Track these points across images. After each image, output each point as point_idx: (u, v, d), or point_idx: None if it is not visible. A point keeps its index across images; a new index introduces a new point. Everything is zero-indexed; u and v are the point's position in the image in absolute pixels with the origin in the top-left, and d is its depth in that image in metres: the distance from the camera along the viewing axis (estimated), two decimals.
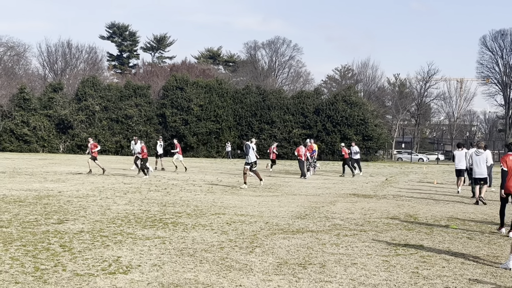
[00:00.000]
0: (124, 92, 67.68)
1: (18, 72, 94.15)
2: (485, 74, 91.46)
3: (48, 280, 7.14)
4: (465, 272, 8.19)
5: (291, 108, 67.56)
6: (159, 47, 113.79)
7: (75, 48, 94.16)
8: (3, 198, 16.00)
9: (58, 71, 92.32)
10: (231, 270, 7.92)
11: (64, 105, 66.72)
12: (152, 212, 14.02)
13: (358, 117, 66.21)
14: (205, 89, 67.20)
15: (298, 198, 18.69)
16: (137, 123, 65.45)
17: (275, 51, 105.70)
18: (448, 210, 16.40)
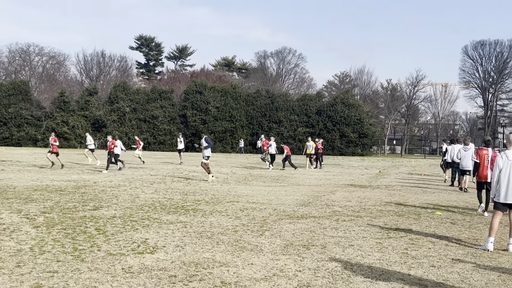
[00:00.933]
0: (150, 96, 67.71)
1: (59, 78, 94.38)
2: (467, 79, 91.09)
3: (85, 259, 7.16)
4: (448, 253, 8.15)
5: (296, 109, 67.40)
6: (181, 56, 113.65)
7: (108, 57, 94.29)
8: (46, 188, 16.05)
9: (93, 77, 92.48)
10: (244, 251, 7.92)
11: (98, 107, 66.82)
12: (175, 200, 14.03)
13: (355, 117, 65.98)
14: (221, 93, 67.13)
15: (302, 188, 18.64)
16: (162, 123, 65.48)
17: (282, 60, 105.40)
18: (434, 198, 16.32)
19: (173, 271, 6.64)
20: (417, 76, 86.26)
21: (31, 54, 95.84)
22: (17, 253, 7.32)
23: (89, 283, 6.04)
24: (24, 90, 68.23)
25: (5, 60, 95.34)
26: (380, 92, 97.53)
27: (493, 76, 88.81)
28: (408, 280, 6.52)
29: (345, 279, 6.50)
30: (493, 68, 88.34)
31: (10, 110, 65.71)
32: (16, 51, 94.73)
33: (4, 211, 11.02)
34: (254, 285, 6.16)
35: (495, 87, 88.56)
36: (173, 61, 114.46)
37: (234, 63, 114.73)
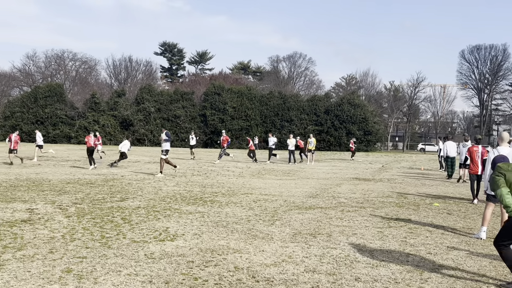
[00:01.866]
0: (173, 97, 67.87)
1: (90, 81, 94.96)
2: (464, 81, 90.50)
3: (111, 245, 7.20)
4: (444, 241, 8.08)
5: (306, 109, 67.22)
6: (201, 61, 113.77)
7: (135, 62, 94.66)
8: (78, 181, 16.16)
9: (121, 80, 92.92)
10: (256, 239, 7.91)
11: (126, 107, 67.10)
12: (195, 192, 14.05)
13: (360, 116, 65.67)
14: (237, 94, 67.11)
15: (310, 181, 18.59)
16: (184, 122, 65.61)
17: (294, 63, 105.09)
18: (432, 191, 16.20)
19: (191, 257, 6.66)
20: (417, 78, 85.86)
21: (66, 59, 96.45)
22: (50, 240, 7.38)
23: (114, 267, 6.07)
24: (59, 92, 68.72)
25: (42, 65, 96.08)
26: (383, 93, 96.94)
27: (488, 78, 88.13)
28: (406, 265, 6.48)
29: (348, 265, 6.47)
30: (488, 70, 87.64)
31: (47, 110, 66.23)
32: (52, 56, 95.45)
33: (39, 202, 11.11)
34: (265, 270, 6.16)
35: (490, 88, 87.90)
36: (194, 65, 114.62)
37: (250, 67, 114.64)
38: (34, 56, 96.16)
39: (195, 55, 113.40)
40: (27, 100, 67.82)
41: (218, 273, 5.98)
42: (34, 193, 12.62)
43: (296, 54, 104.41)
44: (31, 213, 9.62)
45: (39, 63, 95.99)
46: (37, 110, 66.44)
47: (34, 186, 14.29)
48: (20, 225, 8.41)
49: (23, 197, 11.82)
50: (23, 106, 67.17)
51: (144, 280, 5.60)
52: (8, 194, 12.27)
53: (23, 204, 10.79)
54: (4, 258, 6.31)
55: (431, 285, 5.67)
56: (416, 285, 5.66)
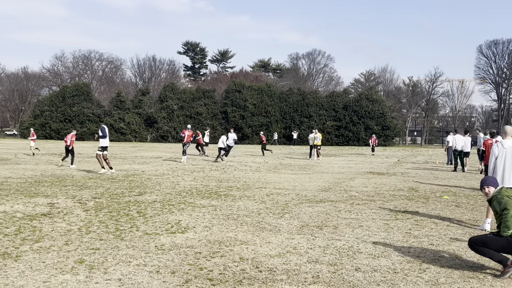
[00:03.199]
0: (195, 95, 68.27)
1: (116, 80, 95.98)
2: (481, 75, 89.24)
3: (124, 237, 7.33)
4: (448, 233, 8.04)
5: (325, 105, 67.04)
6: (222, 59, 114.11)
7: (158, 62, 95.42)
8: (100, 177, 16.39)
9: (145, 79, 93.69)
10: (263, 231, 7.97)
11: (150, 105, 67.74)
12: (210, 186, 14.16)
13: (378, 111, 65.28)
14: (258, 91, 67.19)
15: (325, 175, 18.57)
16: (206, 118, 65.98)
17: (313, 60, 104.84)
18: (444, 184, 16.07)
19: (199, 248, 6.75)
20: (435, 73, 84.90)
21: (92, 60, 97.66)
22: (67, 233, 7.55)
23: (125, 258, 6.20)
24: (86, 91, 69.63)
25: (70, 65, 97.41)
26: (402, 88, 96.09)
27: (506, 72, 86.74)
28: (407, 256, 6.48)
29: (350, 256, 6.50)
30: (506, 65, 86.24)
31: (74, 109, 67.18)
32: (79, 57, 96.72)
33: (61, 197, 11.33)
34: (269, 260, 6.22)
35: (508, 82, 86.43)
36: (216, 63, 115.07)
37: (270, 65, 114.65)
38: (62, 57, 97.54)
39: (216, 54, 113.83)
40: (55, 99, 68.88)
41: (223, 263, 6.06)
42: (57, 188, 12.86)
43: (315, 51, 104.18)
44: (52, 207, 9.83)
45: (67, 63, 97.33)
46: (65, 108, 67.44)
47: (57, 181, 14.56)
48: (40, 219, 8.61)
49: (45, 192, 12.07)
50: (52, 105, 68.25)
51: (152, 270, 5.71)
52: (32, 189, 12.53)
53: (45, 198, 11.02)
54: (21, 250, 6.48)
55: (429, 275, 5.67)
56: (414, 275, 5.67)
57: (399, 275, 5.66)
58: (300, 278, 5.52)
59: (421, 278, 5.55)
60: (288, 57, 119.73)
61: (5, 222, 8.26)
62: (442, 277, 5.60)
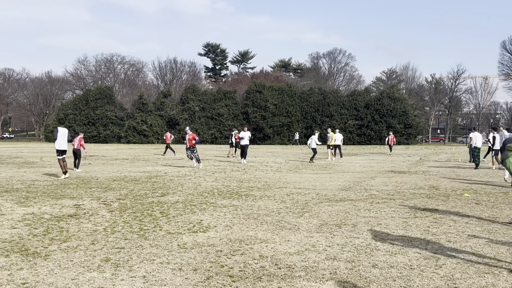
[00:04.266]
0: (216, 96, 68.70)
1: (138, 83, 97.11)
2: (506, 71, 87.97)
3: (148, 237, 7.58)
4: (466, 230, 8.11)
5: (346, 104, 66.89)
6: (243, 60, 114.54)
7: (179, 64, 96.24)
8: (124, 178, 16.74)
9: (167, 82, 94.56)
10: (283, 229, 8.15)
11: (172, 107, 68.36)
12: (232, 186, 14.37)
13: (400, 110, 64.90)
14: (278, 91, 67.34)
15: (346, 174, 18.65)
16: (227, 119, 66.35)
17: (334, 59, 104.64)
18: (466, 182, 16.01)
19: (220, 247, 6.96)
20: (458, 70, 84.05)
21: (115, 63, 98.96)
22: (93, 233, 7.82)
23: (149, 256, 6.43)
24: (109, 94, 70.58)
25: (93, 68, 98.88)
26: (424, 86, 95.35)
27: None
28: (423, 253, 6.60)
29: (368, 253, 6.64)
30: None
31: (97, 112, 68.14)
32: (101, 60, 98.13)
33: (86, 198, 11.66)
34: (288, 258, 6.40)
35: None
36: (236, 64, 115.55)
37: (290, 64, 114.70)
38: (85, 61, 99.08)
39: (237, 55, 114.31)
40: (79, 103, 69.96)
41: (244, 261, 6.26)
42: (82, 190, 13.21)
43: (336, 50, 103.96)
44: (78, 209, 10.14)
45: (90, 67, 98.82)
46: (89, 112, 68.43)
47: (83, 184, 14.93)
48: (67, 220, 8.91)
49: (71, 194, 12.42)
50: (76, 108, 69.34)
51: (175, 268, 5.93)
52: (58, 192, 12.90)
53: (71, 200, 11.36)
54: (50, 249, 6.77)
55: (445, 271, 5.79)
56: (429, 271, 5.79)
57: (415, 271, 5.79)
58: (318, 275, 5.69)
59: (436, 274, 5.68)
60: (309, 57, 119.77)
61: (33, 223, 8.59)
62: (457, 273, 5.72)
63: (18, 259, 6.24)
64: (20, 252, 6.59)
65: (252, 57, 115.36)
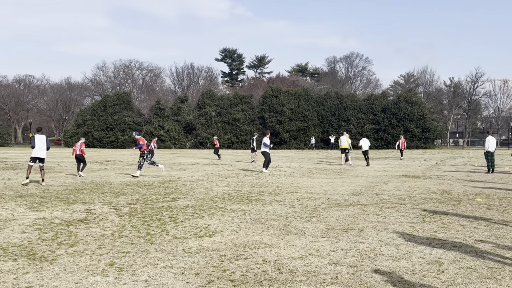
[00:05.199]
0: (233, 101, 68.95)
1: (156, 88, 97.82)
2: None
3: (154, 241, 7.65)
4: (474, 235, 8.05)
5: (363, 108, 66.64)
6: (260, 65, 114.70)
7: (196, 69, 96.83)
8: (137, 183, 16.88)
9: (184, 87, 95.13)
10: (289, 234, 8.16)
11: (189, 112, 68.75)
12: (243, 191, 14.41)
13: (418, 114, 64.45)
14: (295, 96, 67.35)
15: (359, 179, 18.59)
16: (243, 124, 66.51)
17: (350, 63, 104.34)
18: (480, 186, 15.86)
19: (224, 251, 7.01)
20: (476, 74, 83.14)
21: (133, 69, 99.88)
22: (100, 238, 7.93)
23: (153, 261, 6.50)
24: (127, 100, 71.23)
25: (111, 74, 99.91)
26: (443, 90, 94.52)
27: None
28: (427, 258, 6.57)
29: (371, 258, 6.63)
30: None
31: (115, 117, 68.79)
32: (120, 66, 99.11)
33: (98, 203, 11.80)
34: (290, 263, 6.42)
35: None
36: (253, 69, 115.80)
37: (307, 69, 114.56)
38: (104, 67, 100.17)
39: (254, 60, 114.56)
40: (97, 108, 70.70)
41: (246, 265, 6.30)
42: (95, 195, 13.37)
43: (353, 54, 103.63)
44: (88, 213, 10.28)
45: (109, 73, 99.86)
46: (107, 117, 69.10)
47: (96, 188, 15.11)
48: (76, 224, 9.04)
49: (84, 199, 12.58)
50: (94, 114, 70.07)
51: (177, 272, 5.99)
52: (71, 197, 13.07)
53: (82, 205, 11.51)
54: (57, 254, 6.88)
55: (446, 276, 5.76)
56: (431, 276, 5.77)
57: (416, 276, 5.78)
58: (319, 279, 5.70)
59: (438, 279, 5.65)
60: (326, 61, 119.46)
61: (43, 227, 8.73)
62: (459, 278, 5.69)
63: (25, 263, 6.36)
64: (27, 256, 6.71)
65: (269, 61, 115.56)
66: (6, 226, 8.80)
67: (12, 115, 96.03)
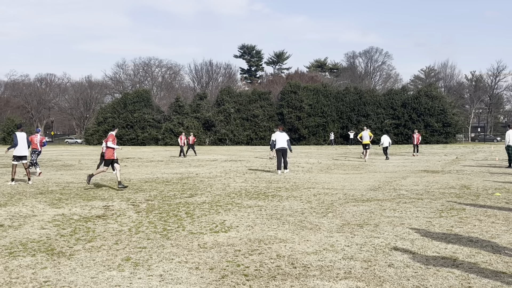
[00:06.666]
0: (251, 97, 68.97)
1: (175, 86, 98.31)
2: None
3: (170, 237, 7.73)
4: (491, 230, 7.98)
5: (382, 103, 66.18)
6: (278, 61, 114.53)
7: (215, 66, 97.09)
8: (156, 180, 17.03)
9: (203, 84, 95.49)
10: (304, 229, 8.18)
11: (208, 109, 68.98)
12: (260, 187, 14.45)
13: (438, 108, 63.80)
14: (313, 91, 67.14)
15: (377, 174, 18.50)
16: (262, 120, 66.50)
17: (370, 58, 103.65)
18: (500, 181, 15.67)
19: (238, 247, 7.05)
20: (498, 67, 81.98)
21: (152, 66, 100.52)
22: (118, 233, 8.04)
23: (169, 256, 6.58)
24: (146, 98, 71.70)
25: (131, 72, 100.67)
26: (464, 84, 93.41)
27: None
28: (442, 253, 6.53)
29: (386, 253, 6.61)
30: None
31: (135, 115, 69.32)
32: (139, 64, 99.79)
33: (116, 200, 11.94)
34: (304, 257, 6.44)
35: None
36: (272, 65, 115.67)
37: (326, 64, 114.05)
38: (123, 65, 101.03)
39: (272, 56, 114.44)
40: (117, 106, 71.32)
41: (260, 260, 6.34)
42: (114, 192, 13.53)
43: (372, 49, 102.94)
44: (106, 210, 10.42)
45: (128, 71, 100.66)
46: (127, 115, 69.67)
47: (115, 185, 15.27)
48: (95, 220, 9.17)
49: (103, 196, 12.74)
50: (114, 111, 70.70)
51: (192, 267, 6.06)
52: (90, 193, 13.25)
53: (101, 201, 11.66)
54: (75, 249, 7.00)
55: (461, 271, 5.73)
56: (445, 270, 5.74)
57: (430, 271, 5.75)
58: (332, 274, 5.71)
59: (452, 273, 5.63)
60: (345, 56, 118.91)
61: (62, 224, 8.88)
62: (473, 272, 5.65)
63: (43, 259, 6.48)
64: (46, 252, 6.83)
65: (288, 57, 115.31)
66: (26, 223, 8.97)
67: (34, 114, 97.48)
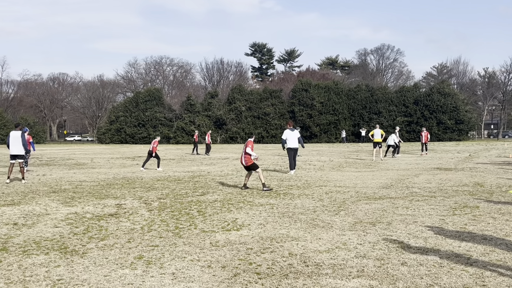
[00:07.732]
0: (262, 95, 68.87)
1: (186, 84, 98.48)
2: None
3: (182, 235, 7.75)
4: (505, 228, 7.90)
5: (394, 100, 65.79)
6: (289, 59, 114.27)
7: (226, 64, 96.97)
8: (167, 178, 17.08)
9: (214, 82, 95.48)
10: (316, 228, 8.16)
11: (219, 107, 68.97)
12: (272, 185, 14.40)
13: (451, 105, 63.34)
14: (325, 89, 66.91)
15: (389, 172, 18.40)
16: (273, 118, 66.41)
17: (382, 55, 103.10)
18: None
19: (251, 245, 7.05)
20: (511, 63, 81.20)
21: (164, 65, 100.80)
22: (130, 232, 8.06)
23: (181, 254, 6.59)
24: (158, 96, 71.87)
25: (143, 71, 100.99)
26: (477, 80, 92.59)
27: None
28: (456, 251, 6.48)
29: (399, 251, 6.57)
30: None
31: (147, 113, 69.55)
32: (151, 63, 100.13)
33: (128, 198, 11.99)
34: (317, 256, 6.42)
35: None
36: (283, 63, 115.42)
37: (337, 62, 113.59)
38: (135, 64, 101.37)
39: (283, 54, 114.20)
40: (129, 105, 71.57)
41: (272, 258, 6.33)
42: (126, 190, 13.59)
43: (384, 46, 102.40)
44: (119, 208, 10.46)
45: (140, 69, 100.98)
46: (139, 113, 69.91)
47: (127, 184, 15.34)
48: (107, 219, 9.21)
49: (115, 194, 12.80)
50: (126, 110, 70.95)
51: (204, 265, 6.06)
52: (103, 192, 13.32)
53: (113, 200, 11.72)
54: (88, 247, 7.03)
55: (475, 269, 5.68)
56: (459, 269, 5.69)
57: (444, 269, 5.71)
58: (345, 272, 5.69)
59: (466, 272, 5.58)
60: (356, 53, 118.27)
61: (75, 222, 8.93)
62: (488, 271, 5.60)
63: (56, 257, 6.52)
64: (59, 250, 6.88)
65: (299, 55, 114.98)
66: (39, 221, 9.04)
67: (47, 113, 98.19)
